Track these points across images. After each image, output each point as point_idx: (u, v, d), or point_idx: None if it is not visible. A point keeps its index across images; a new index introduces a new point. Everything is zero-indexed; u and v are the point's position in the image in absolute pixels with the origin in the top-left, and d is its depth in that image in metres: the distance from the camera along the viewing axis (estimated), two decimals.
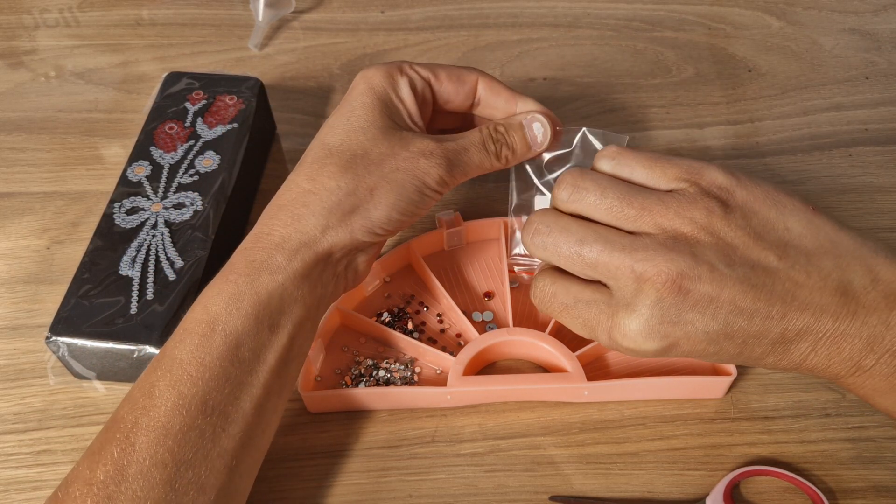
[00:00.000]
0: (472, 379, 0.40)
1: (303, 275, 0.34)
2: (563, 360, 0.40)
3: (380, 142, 0.36)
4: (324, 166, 0.35)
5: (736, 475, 0.37)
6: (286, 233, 0.34)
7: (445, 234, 0.46)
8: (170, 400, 0.31)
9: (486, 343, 0.41)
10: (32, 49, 0.61)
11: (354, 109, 0.37)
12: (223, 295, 0.33)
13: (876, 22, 0.62)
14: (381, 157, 0.35)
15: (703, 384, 0.40)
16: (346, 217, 0.34)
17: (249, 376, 0.32)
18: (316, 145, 0.36)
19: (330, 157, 0.35)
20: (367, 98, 0.37)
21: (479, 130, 0.38)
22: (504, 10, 0.64)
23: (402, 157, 0.35)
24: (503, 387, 0.40)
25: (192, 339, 0.32)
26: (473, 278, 0.46)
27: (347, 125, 0.36)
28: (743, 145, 0.54)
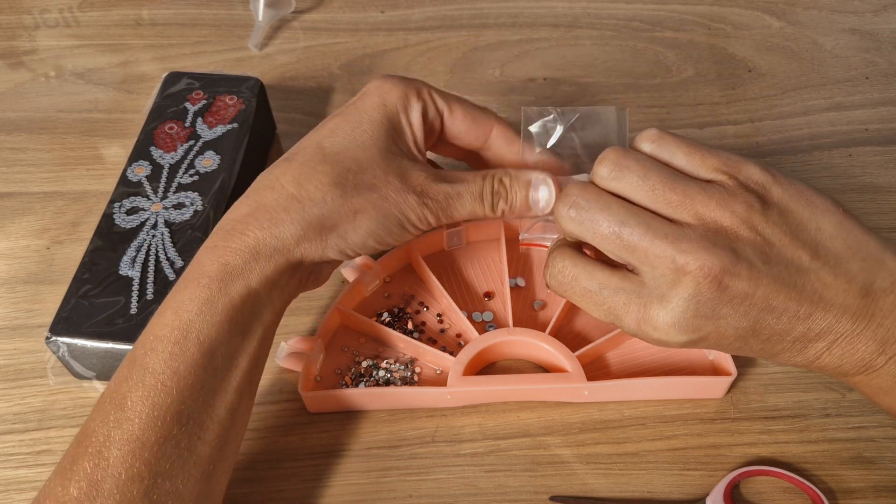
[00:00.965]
0: (472, 379, 0.40)
1: (274, 281, 0.33)
2: (563, 360, 0.40)
3: (377, 164, 0.34)
4: (314, 173, 0.34)
5: (736, 475, 0.37)
6: (262, 236, 0.33)
7: (445, 233, 0.46)
8: (143, 412, 0.30)
9: (486, 343, 0.41)
10: (32, 49, 0.61)
11: (361, 123, 0.35)
12: (195, 300, 0.32)
13: (876, 22, 0.62)
14: (373, 181, 0.34)
15: (704, 384, 0.40)
16: (324, 233, 0.34)
17: (223, 382, 0.32)
18: (310, 145, 0.35)
19: (323, 163, 0.34)
20: (376, 114, 0.35)
21: (482, 178, 0.36)
22: (504, 10, 0.64)
23: (393, 186, 0.34)
24: (503, 387, 0.40)
25: (165, 347, 0.31)
26: (473, 278, 0.46)
27: (349, 136, 0.35)
28: (743, 145, 0.54)
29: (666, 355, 0.42)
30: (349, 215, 0.34)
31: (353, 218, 0.34)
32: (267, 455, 0.39)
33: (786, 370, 0.42)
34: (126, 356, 0.32)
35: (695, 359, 0.42)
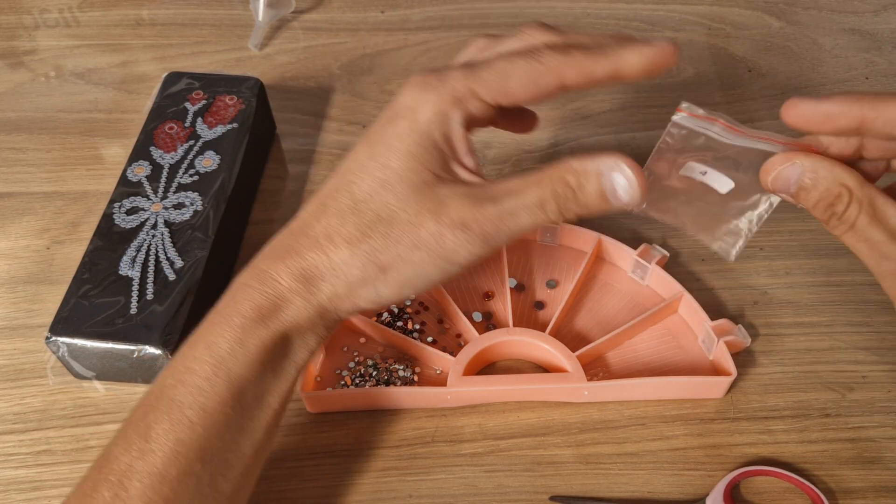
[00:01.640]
0: (472, 379, 0.40)
1: (308, 327, 0.33)
2: (562, 360, 0.40)
3: (409, 204, 0.31)
4: (343, 225, 0.32)
5: (736, 475, 0.37)
6: (295, 287, 0.32)
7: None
8: (167, 445, 0.29)
9: (486, 343, 0.41)
10: (32, 49, 0.61)
11: (389, 158, 0.32)
12: (227, 339, 0.31)
13: (876, 22, 0.62)
14: (403, 229, 0.31)
15: (703, 384, 0.40)
16: (354, 290, 0.32)
17: (251, 421, 0.32)
18: (343, 190, 0.32)
19: (353, 213, 0.32)
20: (404, 144, 0.31)
21: (537, 185, 0.31)
22: (504, 10, 0.64)
23: (427, 230, 0.31)
24: (503, 387, 0.40)
25: (194, 381, 0.30)
26: (473, 278, 0.46)
27: (379, 176, 0.32)
28: None
29: (666, 356, 0.42)
30: (377, 272, 0.32)
31: (383, 274, 0.32)
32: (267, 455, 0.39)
33: (785, 370, 0.42)
34: (156, 381, 0.32)
35: (695, 359, 0.42)
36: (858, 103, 0.30)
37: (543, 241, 0.47)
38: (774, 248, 0.47)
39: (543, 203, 0.31)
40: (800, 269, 0.46)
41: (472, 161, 0.33)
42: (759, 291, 0.45)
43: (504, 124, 0.37)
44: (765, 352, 0.43)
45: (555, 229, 0.46)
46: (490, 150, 0.54)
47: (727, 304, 0.44)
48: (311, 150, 0.54)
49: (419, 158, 0.31)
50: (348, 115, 0.56)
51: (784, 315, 0.44)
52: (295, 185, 0.51)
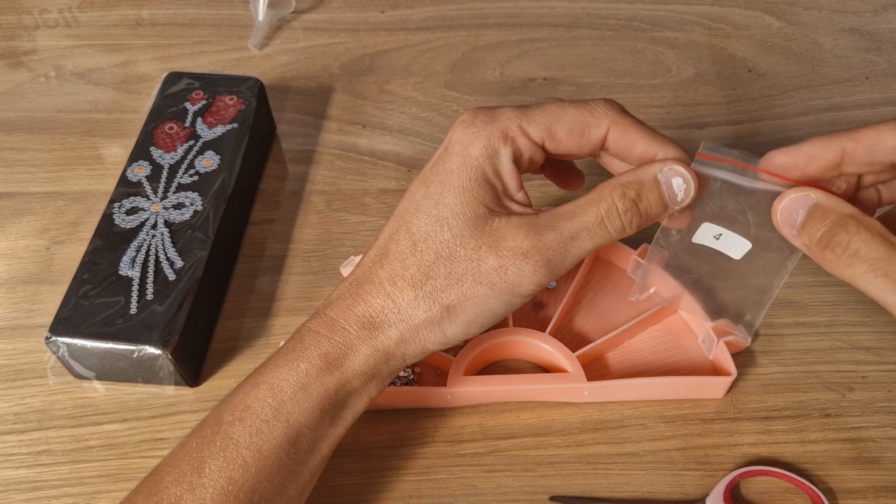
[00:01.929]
0: (472, 379, 0.40)
1: (372, 374, 0.33)
2: (562, 360, 0.40)
3: (467, 239, 0.31)
4: (405, 266, 0.32)
5: (736, 475, 0.37)
6: (363, 336, 0.32)
7: None
8: (219, 483, 0.30)
9: (486, 343, 0.41)
10: (32, 49, 0.61)
11: (443, 195, 0.32)
12: (291, 384, 0.31)
13: (876, 22, 0.62)
14: (464, 266, 0.31)
15: (703, 384, 0.40)
16: (419, 331, 0.32)
17: (301, 466, 0.32)
18: (402, 231, 0.33)
19: (413, 254, 0.32)
20: (458, 178, 0.32)
21: (598, 205, 0.31)
22: (504, 10, 0.64)
23: (488, 264, 0.31)
24: (503, 387, 0.40)
25: (253, 422, 0.31)
26: None
27: (434, 214, 0.32)
28: (743, 146, 0.54)
29: (666, 356, 0.42)
30: (443, 313, 0.32)
31: (448, 314, 0.32)
32: None
33: (785, 371, 0.42)
34: (213, 413, 0.32)
35: (695, 359, 0.42)
36: (836, 139, 0.30)
37: None
38: None
39: (604, 221, 0.31)
40: (799, 269, 0.46)
41: (523, 196, 0.33)
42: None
43: (551, 175, 0.38)
44: (765, 352, 0.43)
45: None
46: None
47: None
48: (311, 150, 0.54)
49: (472, 193, 0.32)
50: (348, 115, 0.56)
51: (784, 315, 0.44)
52: (295, 185, 0.51)
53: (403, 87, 0.58)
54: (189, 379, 0.41)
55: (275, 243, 0.48)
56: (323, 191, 0.51)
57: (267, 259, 0.47)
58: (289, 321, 0.44)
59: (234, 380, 0.42)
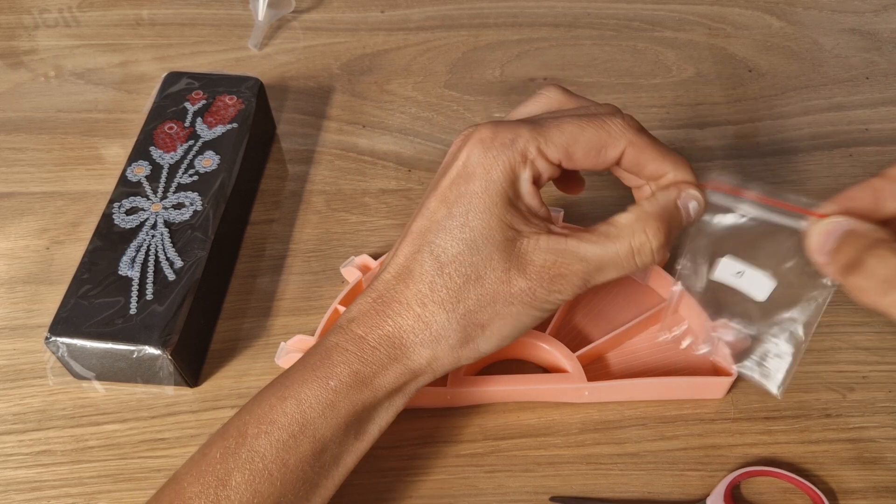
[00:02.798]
0: (473, 379, 0.40)
1: (399, 389, 0.33)
2: (563, 361, 0.40)
3: (494, 262, 0.31)
4: (434, 288, 0.32)
5: (736, 476, 0.37)
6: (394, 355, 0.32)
7: None
8: (245, 497, 0.30)
9: None
10: (32, 49, 0.61)
11: (468, 218, 0.32)
12: (320, 402, 0.31)
13: (876, 22, 0.62)
14: (495, 288, 0.32)
15: (704, 384, 0.40)
16: (454, 351, 0.33)
17: (325, 479, 0.32)
18: (425, 253, 0.32)
19: (440, 275, 0.32)
20: (482, 202, 0.31)
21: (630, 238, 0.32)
22: (504, 9, 0.64)
23: (518, 286, 0.32)
24: (503, 387, 0.40)
25: (280, 436, 0.31)
26: None
27: (461, 237, 0.32)
28: (743, 145, 0.53)
29: (666, 356, 0.42)
30: (477, 330, 0.32)
31: (482, 331, 0.32)
32: None
33: None
34: (235, 423, 0.32)
35: (695, 359, 0.42)
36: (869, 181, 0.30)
37: None
38: None
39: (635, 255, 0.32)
40: None
41: (545, 212, 0.33)
42: None
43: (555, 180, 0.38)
44: None
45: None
46: None
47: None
48: (311, 149, 0.54)
49: (499, 216, 0.32)
50: (348, 115, 0.56)
51: None
52: (295, 185, 0.51)
53: (403, 86, 0.58)
54: (189, 379, 0.41)
55: (275, 243, 0.48)
56: (323, 191, 0.51)
57: (267, 259, 0.47)
58: (289, 321, 0.44)
59: (233, 380, 0.42)
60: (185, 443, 0.39)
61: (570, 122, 0.32)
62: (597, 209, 0.50)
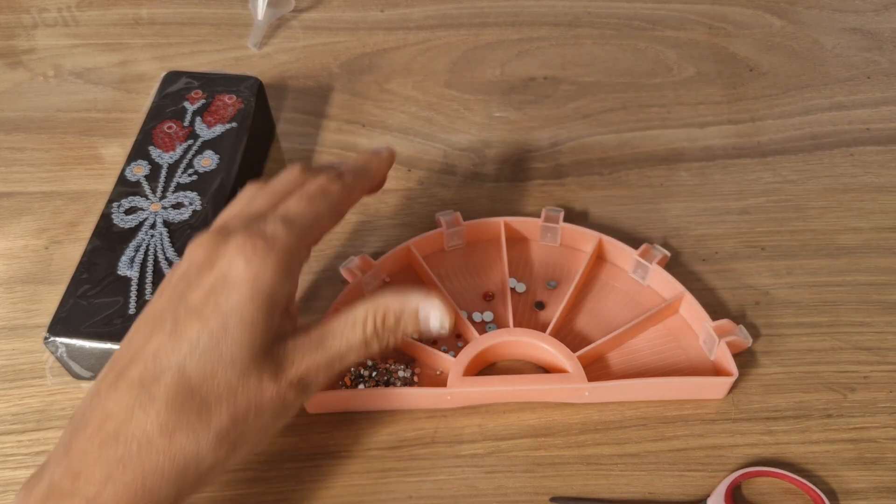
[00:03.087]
0: (473, 379, 0.40)
1: None
2: (563, 361, 0.40)
3: (251, 374, 0.30)
4: (182, 416, 0.28)
5: (737, 476, 0.37)
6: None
7: (445, 234, 0.46)
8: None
9: (487, 343, 0.41)
10: (31, 48, 0.61)
11: (227, 330, 0.29)
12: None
13: (878, 21, 0.62)
14: (247, 405, 0.30)
15: (705, 385, 0.40)
16: (201, 478, 0.30)
17: None
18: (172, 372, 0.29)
19: (192, 399, 0.29)
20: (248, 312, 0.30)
21: (363, 326, 0.32)
22: (504, 9, 0.64)
23: (269, 393, 0.30)
24: (503, 387, 0.40)
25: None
26: (473, 279, 0.45)
27: (216, 353, 0.29)
28: (744, 145, 0.53)
29: (666, 356, 0.42)
30: (229, 451, 0.30)
31: (234, 450, 0.30)
32: (266, 456, 0.39)
33: (787, 371, 0.42)
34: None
35: (696, 359, 0.42)
36: None
37: (544, 242, 0.47)
38: (776, 247, 0.47)
39: (368, 342, 0.33)
40: (801, 269, 0.46)
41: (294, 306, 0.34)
42: (760, 291, 0.45)
43: None
44: (766, 352, 0.42)
45: (555, 229, 0.46)
46: (490, 149, 0.53)
47: (728, 304, 0.44)
48: (310, 149, 0.54)
49: (262, 325, 0.30)
50: (348, 115, 0.56)
51: (786, 315, 0.44)
52: None
53: (403, 86, 0.58)
54: None
55: None
56: None
57: None
58: None
59: None
60: None
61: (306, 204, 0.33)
62: (596, 208, 0.50)
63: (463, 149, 0.54)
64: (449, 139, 0.54)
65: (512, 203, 0.50)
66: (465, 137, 0.54)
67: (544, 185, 0.51)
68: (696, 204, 0.50)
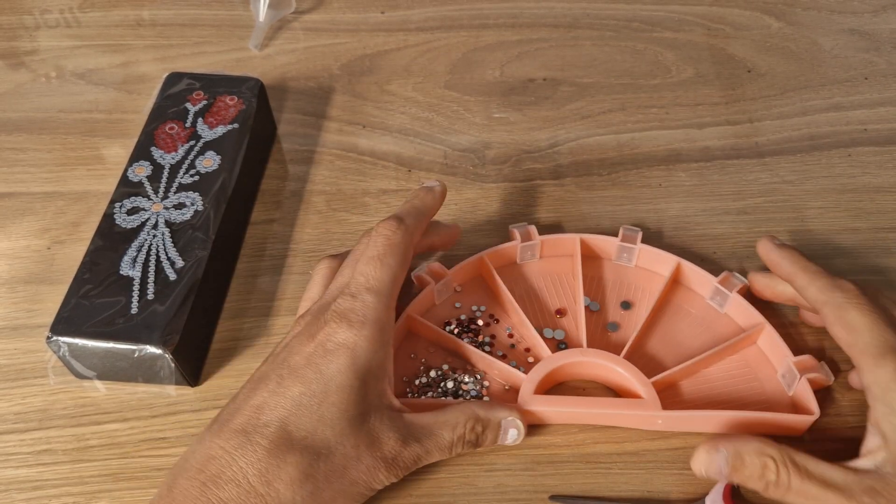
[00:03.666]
0: (546, 399, 0.39)
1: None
2: (637, 386, 0.39)
3: (346, 439, 0.32)
4: (283, 466, 0.30)
5: None
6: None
7: (519, 247, 0.45)
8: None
9: (560, 362, 0.40)
10: (33, 49, 0.61)
11: (328, 394, 0.32)
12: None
13: (875, 22, 0.63)
14: (343, 465, 0.32)
15: (784, 422, 0.38)
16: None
17: None
18: (274, 425, 0.31)
19: (291, 452, 0.31)
20: (346, 379, 0.32)
21: (453, 430, 0.35)
22: (504, 10, 0.64)
23: (364, 465, 0.32)
24: (576, 409, 0.39)
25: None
26: (546, 294, 0.45)
27: (317, 413, 0.32)
28: (742, 145, 0.54)
29: (741, 388, 0.41)
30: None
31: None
32: None
33: None
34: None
35: (772, 393, 0.40)
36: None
37: (619, 261, 0.46)
38: None
39: (453, 445, 0.35)
40: None
41: (391, 382, 0.35)
42: None
43: None
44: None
45: (631, 249, 0.45)
46: (490, 150, 0.54)
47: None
48: (311, 150, 0.54)
49: (358, 392, 0.33)
50: (348, 116, 0.56)
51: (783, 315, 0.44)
52: (295, 186, 0.52)
53: (403, 87, 0.58)
54: (190, 378, 0.41)
55: (275, 243, 0.48)
56: (323, 191, 0.51)
57: (267, 259, 0.47)
58: (289, 321, 0.44)
59: (234, 379, 0.42)
60: (186, 442, 0.40)
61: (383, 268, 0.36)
62: (595, 209, 0.50)
63: (463, 150, 0.54)
64: (449, 140, 0.54)
65: (512, 204, 0.50)
66: (464, 138, 0.55)
67: (543, 185, 0.51)
68: (695, 204, 0.50)
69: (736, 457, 0.33)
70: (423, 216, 0.40)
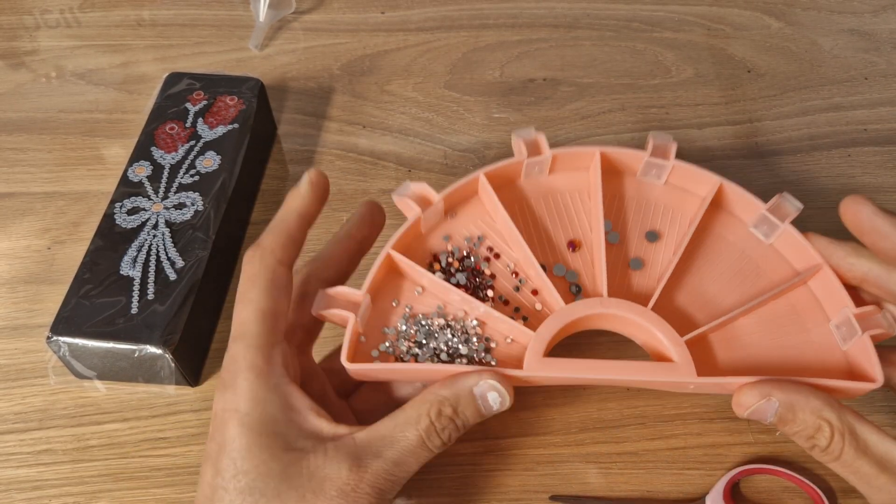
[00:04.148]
0: (556, 362, 0.32)
1: None
2: (668, 348, 0.32)
3: (287, 497, 0.28)
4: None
5: (736, 473, 0.37)
6: None
7: (525, 162, 0.37)
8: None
9: (575, 316, 0.33)
10: (33, 50, 0.61)
11: (236, 464, 0.29)
12: None
13: (875, 22, 0.63)
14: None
15: (838, 391, 0.32)
16: None
17: None
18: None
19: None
20: (245, 440, 0.29)
21: (416, 425, 0.30)
22: (504, 10, 0.64)
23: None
24: (594, 375, 0.32)
25: None
26: (556, 221, 0.37)
27: (237, 488, 0.29)
28: (742, 146, 0.54)
29: (783, 340, 0.34)
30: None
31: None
32: None
33: None
34: None
35: (821, 348, 0.34)
36: None
37: (646, 179, 0.38)
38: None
39: (425, 441, 0.30)
40: None
41: (321, 410, 0.31)
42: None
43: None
44: None
45: (662, 165, 0.37)
46: (490, 150, 0.54)
47: None
48: (311, 150, 0.54)
49: (268, 447, 0.29)
50: (348, 116, 0.56)
51: None
52: None
53: (403, 87, 0.58)
54: (190, 378, 0.41)
55: None
56: None
57: None
58: None
59: None
60: (186, 442, 0.40)
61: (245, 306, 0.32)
62: None
63: (463, 150, 0.54)
64: (449, 140, 0.54)
65: None
66: (464, 138, 0.55)
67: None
68: None
69: (788, 409, 0.29)
70: (285, 226, 0.34)
